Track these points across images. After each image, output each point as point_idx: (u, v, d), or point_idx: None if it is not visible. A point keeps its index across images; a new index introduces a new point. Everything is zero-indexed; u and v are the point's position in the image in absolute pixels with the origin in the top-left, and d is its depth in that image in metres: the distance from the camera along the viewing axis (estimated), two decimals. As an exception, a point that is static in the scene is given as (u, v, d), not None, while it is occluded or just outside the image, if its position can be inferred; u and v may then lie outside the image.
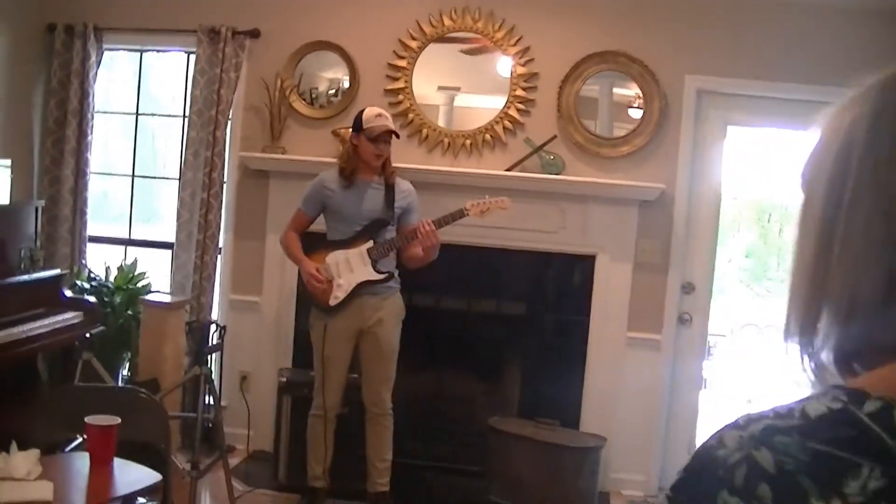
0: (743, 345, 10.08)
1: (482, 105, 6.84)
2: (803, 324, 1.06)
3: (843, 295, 0.99)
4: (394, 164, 5.90)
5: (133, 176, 7.58)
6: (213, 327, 5.89)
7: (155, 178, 8.09)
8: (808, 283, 1.05)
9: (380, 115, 5.76)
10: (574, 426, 6.60)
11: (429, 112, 6.85)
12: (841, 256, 1.00)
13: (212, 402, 5.95)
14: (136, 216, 7.68)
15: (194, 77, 6.90)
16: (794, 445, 0.93)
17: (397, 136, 5.88)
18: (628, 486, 6.72)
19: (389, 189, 5.82)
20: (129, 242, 7.58)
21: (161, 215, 8.09)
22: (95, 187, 7.35)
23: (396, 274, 5.90)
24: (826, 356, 1.04)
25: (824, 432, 0.93)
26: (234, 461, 6.54)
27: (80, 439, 4.60)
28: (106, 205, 8.05)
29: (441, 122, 6.86)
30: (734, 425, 0.99)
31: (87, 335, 5.75)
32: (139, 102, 7.50)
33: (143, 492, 3.85)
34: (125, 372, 6.85)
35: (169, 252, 7.19)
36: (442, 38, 6.78)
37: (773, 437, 0.94)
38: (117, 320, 6.72)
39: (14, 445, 3.71)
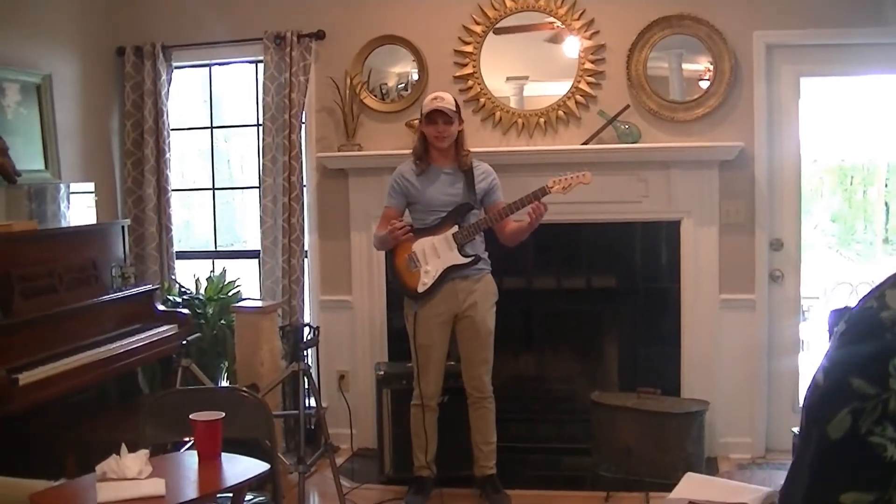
0: (838, 305, 9.96)
1: (552, 92, 6.78)
2: None
3: None
4: (470, 149, 5.89)
5: (213, 189, 7.67)
6: (306, 329, 5.91)
7: (234, 188, 8.11)
8: None
9: (435, 97, 5.78)
10: (675, 394, 6.53)
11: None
12: None
13: (312, 400, 5.99)
14: (220, 231, 7.76)
15: (264, 84, 6.95)
16: None
17: (449, 115, 5.73)
18: (735, 449, 6.64)
19: (468, 173, 5.82)
20: (216, 255, 7.67)
21: (241, 232, 8.14)
22: (178, 214, 7.44)
23: (486, 256, 5.90)
24: None
25: None
26: (339, 460, 6.54)
27: (188, 443, 4.65)
28: (190, 228, 8.13)
29: (513, 111, 6.83)
30: (894, 282, 0.89)
31: (184, 342, 5.82)
32: (212, 116, 7.59)
33: (253, 482, 3.87)
34: (224, 381, 6.91)
35: (255, 261, 7.25)
36: (506, 30, 6.74)
37: None
38: (211, 330, 6.79)
39: (124, 447, 3.75)
